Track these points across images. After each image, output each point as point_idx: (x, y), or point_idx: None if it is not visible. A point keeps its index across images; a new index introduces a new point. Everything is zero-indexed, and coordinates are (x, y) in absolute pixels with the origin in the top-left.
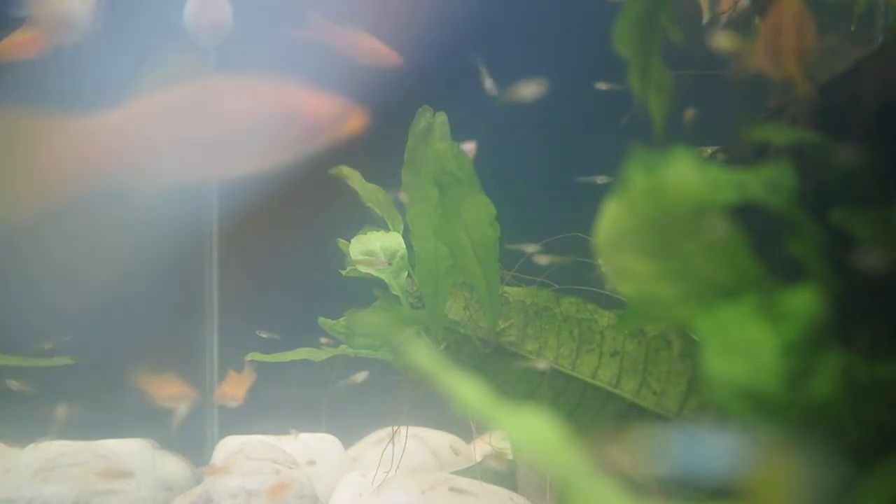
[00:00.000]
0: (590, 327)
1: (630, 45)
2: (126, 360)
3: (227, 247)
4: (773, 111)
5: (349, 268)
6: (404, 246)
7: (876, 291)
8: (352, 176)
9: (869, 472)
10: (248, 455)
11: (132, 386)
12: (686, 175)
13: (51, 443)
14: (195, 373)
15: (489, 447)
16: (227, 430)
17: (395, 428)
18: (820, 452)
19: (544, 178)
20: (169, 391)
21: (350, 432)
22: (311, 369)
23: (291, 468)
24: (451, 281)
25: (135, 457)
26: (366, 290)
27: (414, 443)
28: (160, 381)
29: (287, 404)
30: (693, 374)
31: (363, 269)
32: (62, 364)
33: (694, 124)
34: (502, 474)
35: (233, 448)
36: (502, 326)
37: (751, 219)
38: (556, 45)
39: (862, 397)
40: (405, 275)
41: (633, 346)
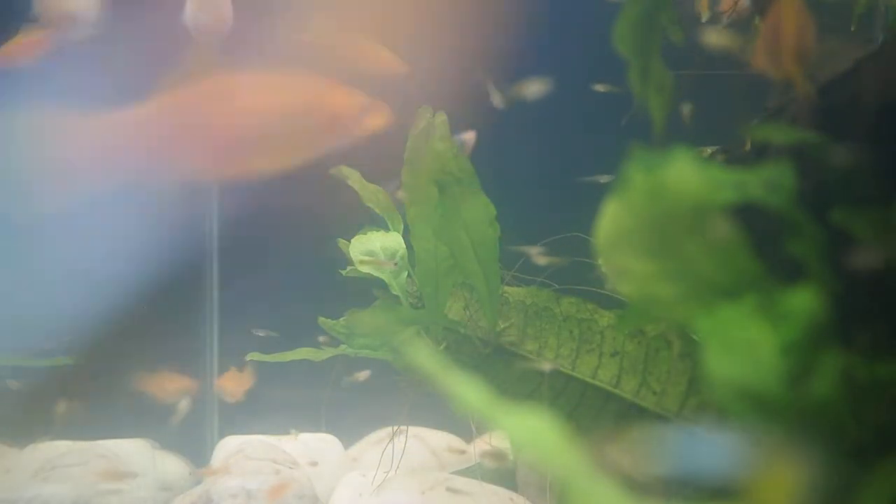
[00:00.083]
0: (590, 327)
1: (630, 45)
2: (126, 360)
3: (227, 247)
4: (773, 111)
5: (349, 268)
6: (404, 246)
7: (876, 291)
8: (352, 176)
9: (869, 473)
10: (248, 455)
11: (132, 386)
12: (686, 175)
13: (51, 443)
14: (195, 373)
15: (489, 447)
16: (227, 431)
17: (395, 428)
18: (820, 452)
19: (544, 178)
20: (169, 387)
21: (350, 432)
22: (312, 369)
23: (291, 468)
24: (451, 281)
25: (135, 457)
26: (366, 290)
27: (414, 443)
28: (160, 377)
29: (287, 404)
30: (693, 374)
31: (365, 269)
32: (62, 364)
33: (694, 124)
34: (502, 474)
35: (233, 448)
36: (502, 326)
37: (751, 219)
38: (555, 44)
39: (862, 397)
40: (405, 275)
41: (633, 346)
